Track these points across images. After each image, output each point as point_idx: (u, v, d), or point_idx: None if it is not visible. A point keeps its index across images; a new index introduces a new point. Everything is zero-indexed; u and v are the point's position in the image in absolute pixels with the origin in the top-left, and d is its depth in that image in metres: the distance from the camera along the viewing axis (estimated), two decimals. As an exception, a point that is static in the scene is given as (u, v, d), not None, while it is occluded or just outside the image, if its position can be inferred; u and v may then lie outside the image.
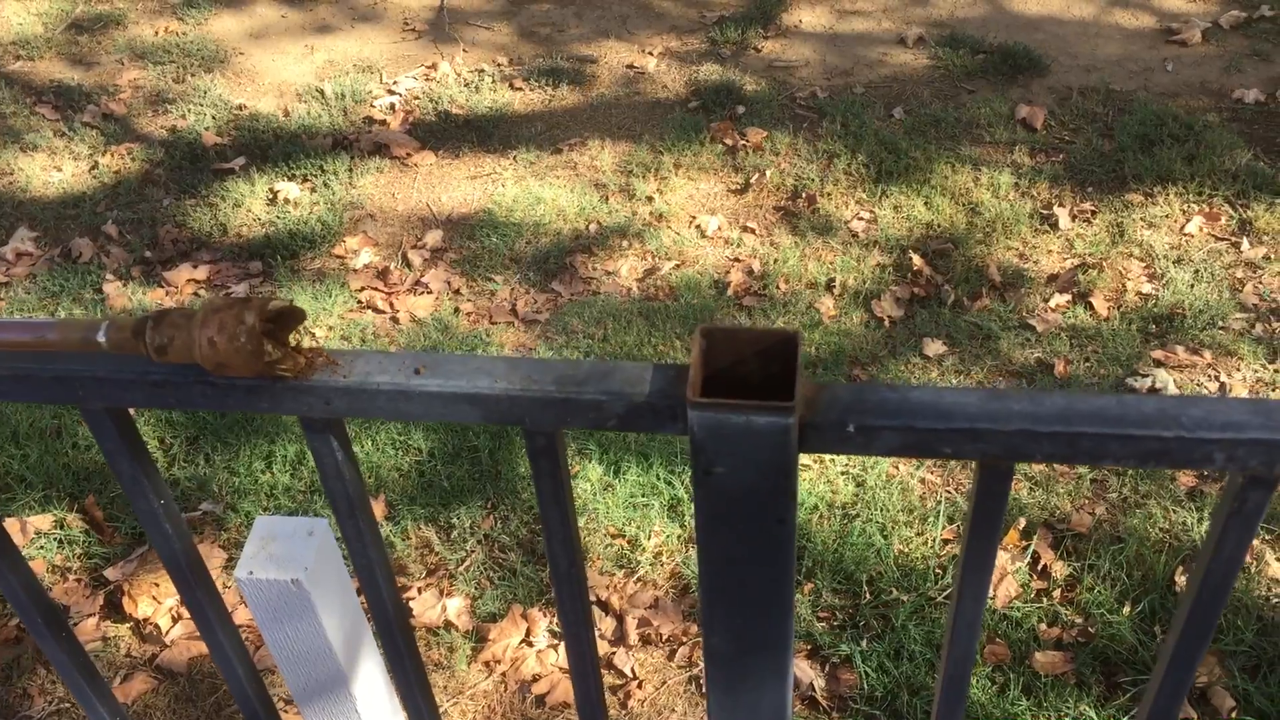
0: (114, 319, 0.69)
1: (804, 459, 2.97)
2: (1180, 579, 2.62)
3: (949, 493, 2.85)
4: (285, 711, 2.51)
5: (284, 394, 0.70)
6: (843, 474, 2.89)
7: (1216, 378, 3.15)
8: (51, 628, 0.89)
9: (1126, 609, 2.54)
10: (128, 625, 2.69)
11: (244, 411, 0.72)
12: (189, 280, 3.72)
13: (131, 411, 3.26)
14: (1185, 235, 3.67)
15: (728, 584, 0.72)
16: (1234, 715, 2.34)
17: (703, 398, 0.63)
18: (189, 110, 4.56)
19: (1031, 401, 0.63)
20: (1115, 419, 0.62)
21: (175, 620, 2.69)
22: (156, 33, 5.13)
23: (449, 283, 3.67)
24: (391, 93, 4.65)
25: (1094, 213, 3.79)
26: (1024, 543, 2.70)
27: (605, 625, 2.63)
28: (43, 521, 2.89)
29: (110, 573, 2.77)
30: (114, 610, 2.72)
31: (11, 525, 2.87)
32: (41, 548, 2.82)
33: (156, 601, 2.71)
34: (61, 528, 2.87)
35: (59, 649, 0.91)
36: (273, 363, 0.68)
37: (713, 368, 0.67)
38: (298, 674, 1.92)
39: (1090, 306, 3.40)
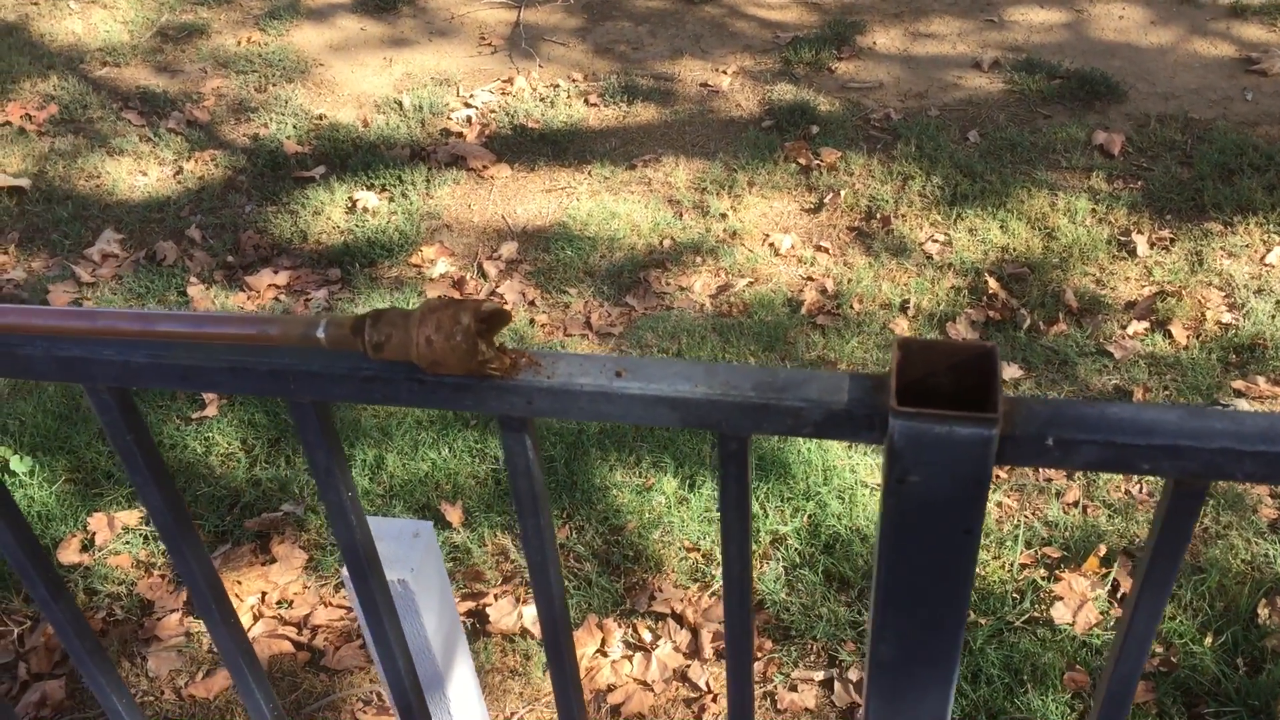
0: (333, 317, 0.73)
1: (879, 479, 2.97)
2: (1263, 611, 2.59)
3: (1026, 518, 2.84)
4: (364, 712, 2.55)
5: (488, 392, 0.73)
6: (920, 495, 2.89)
7: (1300, 410, 3.11)
8: (222, 612, 0.92)
9: (1209, 640, 2.52)
10: (210, 621, 2.74)
11: (449, 409, 0.75)
12: (270, 285, 3.78)
13: (212, 409, 3.28)
14: (1266, 265, 3.63)
15: (906, 592, 0.73)
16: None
17: (905, 407, 0.65)
18: (270, 119, 4.65)
19: (1233, 421, 0.65)
20: (1320, 439, 0.63)
21: (256, 618, 2.74)
22: (239, 43, 5.24)
23: (524, 294, 3.72)
24: (468, 106, 4.72)
25: (1172, 240, 3.77)
26: (1104, 570, 2.68)
27: (680, 638, 2.64)
28: (129, 518, 2.95)
29: (194, 569, 2.82)
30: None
31: (99, 520, 2.94)
32: (128, 543, 2.88)
33: (238, 599, 2.76)
34: (147, 523, 2.93)
35: (227, 635, 0.94)
36: (484, 362, 0.71)
37: (905, 379, 0.69)
38: (395, 673, 1.94)
39: (1169, 334, 3.38)
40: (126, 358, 0.76)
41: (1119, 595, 2.64)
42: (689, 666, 2.59)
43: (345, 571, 1.79)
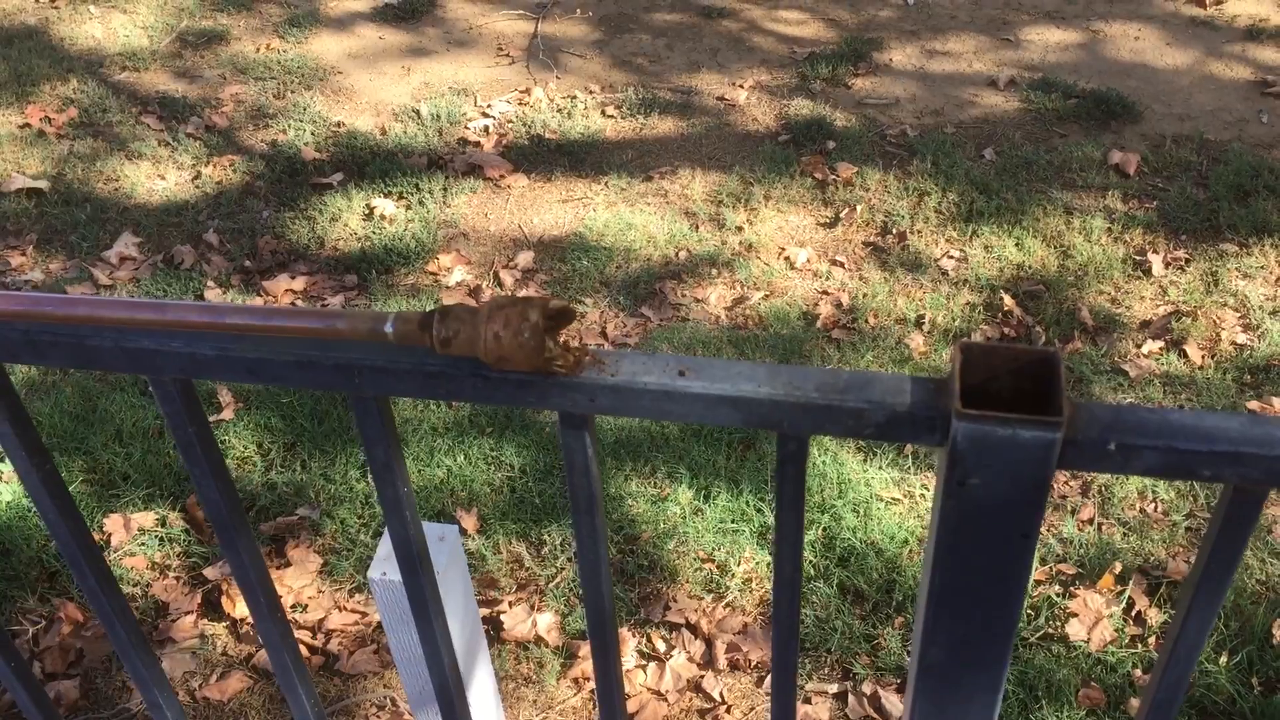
0: (400, 312, 0.73)
1: (894, 493, 2.98)
2: (1278, 631, 2.59)
3: (1041, 533, 2.84)
4: (378, 717, 2.55)
5: (551, 389, 0.74)
6: (935, 510, 2.89)
7: (1315, 432, 3.11)
8: (270, 606, 0.93)
9: (1224, 659, 2.52)
10: (224, 624, 2.74)
11: (512, 405, 0.76)
12: (287, 290, 3.80)
13: (228, 412, 3.28)
14: (1281, 287, 3.64)
15: (959, 596, 0.74)
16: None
17: (969, 409, 0.66)
18: (289, 125, 4.67)
19: (1295, 428, 0.66)
20: (1381, 446, 0.64)
21: (272, 621, 2.74)
22: (258, 49, 5.27)
23: (540, 303, 3.72)
24: (485, 115, 4.74)
25: (1188, 261, 3.78)
26: (1119, 588, 2.68)
27: (694, 649, 2.64)
28: (145, 519, 2.96)
29: (209, 572, 2.83)
30: (212, 609, 2.77)
31: (115, 522, 2.95)
32: (143, 544, 2.89)
33: (255, 602, 2.76)
34: (163, 526, 2.94)
35: (274, 629, 0.95)
36: (550, 359, 0.72)
37: (964, 383, 0.70)
38: (415, 677, 1.96)
39: (1184, 354, 3.38)
40: (193, 350, 0.76)
41: (1134, 613, 2.64)
42: (703, 677, 2.59)
43: (371, 574, 1.80)
